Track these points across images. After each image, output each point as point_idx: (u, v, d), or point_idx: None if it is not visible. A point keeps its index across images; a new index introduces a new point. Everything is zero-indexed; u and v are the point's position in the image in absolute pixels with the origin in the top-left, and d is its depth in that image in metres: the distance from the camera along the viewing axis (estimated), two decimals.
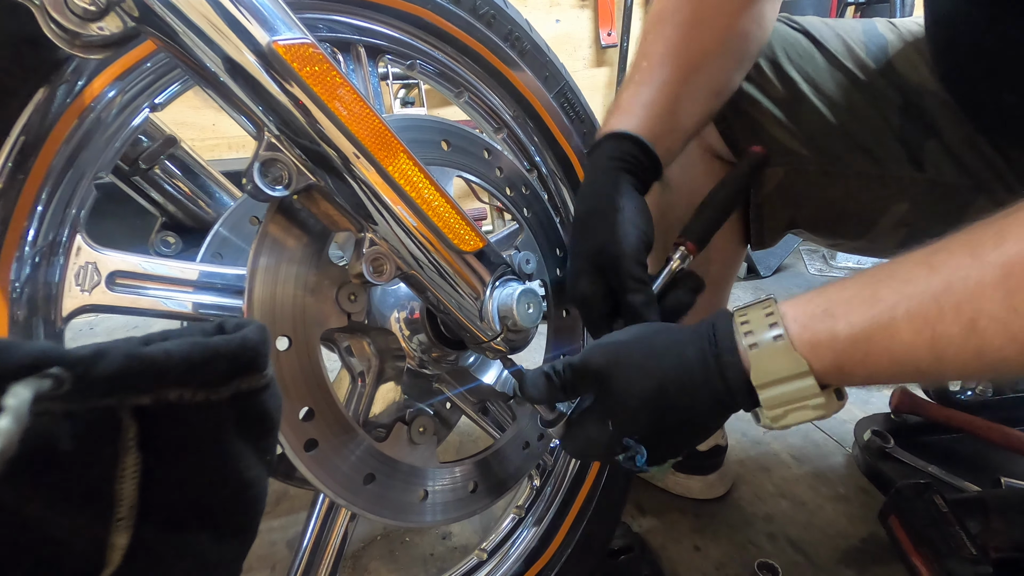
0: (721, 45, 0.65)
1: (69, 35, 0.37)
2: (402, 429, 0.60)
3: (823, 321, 0.41)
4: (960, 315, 0.36)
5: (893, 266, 0.41)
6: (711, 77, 0.66)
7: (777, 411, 0.43)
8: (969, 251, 0.36)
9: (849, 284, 0.42)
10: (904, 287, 0.38)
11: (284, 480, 0.67)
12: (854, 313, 0.40)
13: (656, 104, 0.63)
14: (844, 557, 0.90)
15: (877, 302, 0.39)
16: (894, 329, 0.38)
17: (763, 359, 0.43)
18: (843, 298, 0.41)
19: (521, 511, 0.77)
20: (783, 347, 0.42)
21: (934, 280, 0.37)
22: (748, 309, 0.46)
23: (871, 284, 0.41)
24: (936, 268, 0.37)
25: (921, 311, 0.37)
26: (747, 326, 0.44)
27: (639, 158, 0.61)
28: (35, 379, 0.22)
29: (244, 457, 0.32)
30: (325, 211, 0.48)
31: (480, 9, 0.68)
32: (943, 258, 0.38)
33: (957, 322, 0.36)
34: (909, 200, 0.73)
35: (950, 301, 0.36)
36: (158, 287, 0.54)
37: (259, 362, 0.31)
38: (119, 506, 0.27)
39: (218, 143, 1.84)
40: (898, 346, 0.38)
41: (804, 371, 0.41)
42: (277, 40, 0.41)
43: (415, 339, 0.60)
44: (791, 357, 0.42)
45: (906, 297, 0.38)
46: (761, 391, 0.43)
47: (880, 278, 0.40)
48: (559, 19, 2.18)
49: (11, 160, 0.44)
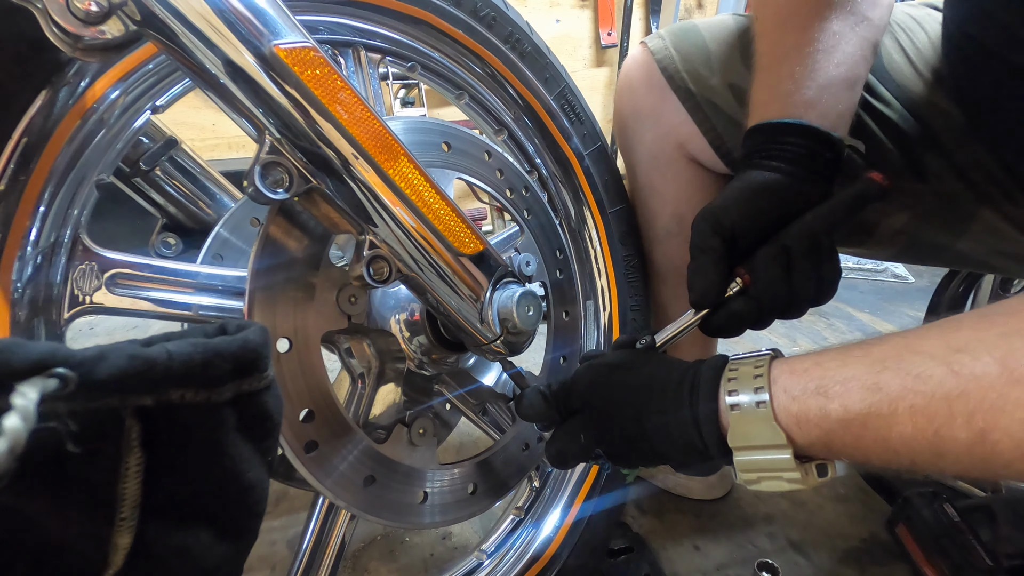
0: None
1: (71, 38, 0.37)
2: (402, 431, 0.60)
3: (815, 398, 0.39)
4: (971, 423, 0.33)
5: (902, 351, 0.37)
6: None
7: (750, 475, 0.42)
8: (999, 360, 0.33)
9: (851, 361, 0.39)
10: (914, 382, 0.35)
11: (284, 481, 0.67)
12: (851, 396, 0.38)
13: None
14: (844, 557, 0.90)
15: (879, 390, 0.37)
16: (894, 420, 0.36)
17: (742, 423, 0.41)
18: (842, 377, 0.39)
19: (521, 512, 0.78)
20: (764, 415, 0.40)
21: (950, 382, 0.34)
22: (741, 363, 0.44)
23: (875, 369, 0.38)
24: (956, 371, 0.34)
25: (928, 410, 0.35)
26: (734, 383, 0.43)
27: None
28: (41, 379, 0.22)
29: (245, 458, 0.33)
30: (326, 213, 0.48)
31: (481, 11, 0.68)
32: (965, 361, 0.34)
33: (967, 428, 0.33)
34: (909, 210, 0.72)
35: (963, 407, 0.33)
36: (159, 288, 0.54)
37: (260, 363, 0.31)
38: (122, 506, 0.27)
39: (218, 143, 1.84)
40: (895, 437, 0.36)
41: (782, 444, 0.40)
42: (278, 44, 0.41)
43: (415, 341, 0.61)
44: (770, 427, 0.40)
45: (914, 392, 0.35)
46: (736, 453, 0.42)
47: (886, 364, 0.37)
48: (559, 19, 2.18)
49: (13, 162, 0.44)
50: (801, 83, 0.59)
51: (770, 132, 0.59)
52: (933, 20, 0.71)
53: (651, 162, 0.83)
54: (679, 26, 0.80)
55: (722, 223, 0.55)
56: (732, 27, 0.76)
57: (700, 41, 0.76)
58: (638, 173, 0.86)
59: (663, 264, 0.88)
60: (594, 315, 0.84)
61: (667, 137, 0.81)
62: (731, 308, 0.55)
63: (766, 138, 0.59)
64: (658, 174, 0.83)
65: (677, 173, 0.82)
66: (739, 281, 0.54)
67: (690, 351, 0.96)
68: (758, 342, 1.69)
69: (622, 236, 0.84)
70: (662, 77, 0.77)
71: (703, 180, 0.82)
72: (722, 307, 0.55)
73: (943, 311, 1.01)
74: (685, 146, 0.80)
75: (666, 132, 0.80)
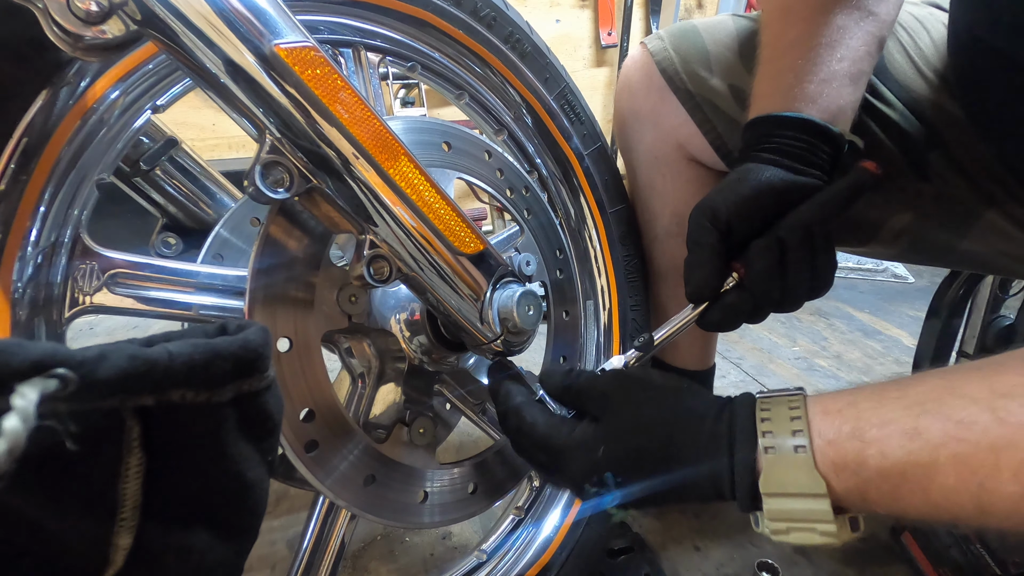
0: None
1: (72, 38, 0.37)
2: (402, 430, 0.60)
3: (851, 442, 0.36)
4: (1020, 476, 0.31)
5: (942, 393, 0.35)
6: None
7: (780, 525, 0.39)
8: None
9: (887, 402, 0.37)
10: (956, 429, 0.33)
11: (284, 480, 0.67)
12: (889, 442, 0.35)
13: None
14: (844, 557, 0.90)
15: (918, 435, 0.34)
16: (935, 471, 0.33)
17: (778, 467, 0.38)
18: (879, 420, 0.36)
19: (521, 512, 0.78)
20: (803, 460, 0.37)
21: (996, 431, 0.32)
22: (773, 401, 0.41)
23: (914, 411, 0.35)
24: (1003, 418, 0.32)
25: (973, 460, 0.32)
26: (767, 424, 0.40)
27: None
28: (41, 379, 0.22)
29: (246, 458, 0.33)
30: (326, 213, 0.48)
31: (481, 11, 0.68)
32: (1013, 408, 0.32)
33: (1015, 481, 0.31)
34: (912, 210, 0.72)
35: (1013, 458, 0.31)
36: (159, 288, 0.54)
37: (261, 363, 0.31)
38: (122, 506, 0.27)
39: (218, 143, 1.84)
40: (936, 489, 0.33)
41: (821, 493, 0.37)
42: (279, 43, 0.41)
43: (415, 340, 0.61)
44: (810, 474, 0.37)
45: (957, 439, 0.33)
46: (767, 499, 0.39)
47: (926, 407, 0.35)
48: (559, 19, 2.18)
49: (14, 161, 0.44)
50: (803, 76, 0.58)
51: (769, 125, 0.59)
52: (936, 20, 0.71)
53: (651, 163, 0.83)
54: (678, 27, 0.80)
55: (718, 216, 0.55)
56: (731, 28, 0.76)
57: (699, 42, 0.76)
58: (638, 173, 0.86)
59: (663, 264, 0.88)
60: (594, 315, 0.84)
61: (667, 138, 0.81)
62: (725, 301, 0.54)
63: (765, 131, 0.59)
64: (658, 174, 0.83)
65: (677, 174, 0.82)
66: (735, 276, 0.54)
67: (689, 350, 0.96)
68: (758, 341, 1.69)
69: (622, 236, 0.84)
70: (661, 78, 0.77)
71: (703, 180, 0.82)
72: (717, 301, 0.55)
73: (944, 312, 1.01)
74: (685, 147, 0.80)
75: (666, 133, 0.80)
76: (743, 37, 0.75)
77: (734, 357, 1.60)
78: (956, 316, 1.01)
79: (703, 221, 0.55)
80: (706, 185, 0.82)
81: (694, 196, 0.83)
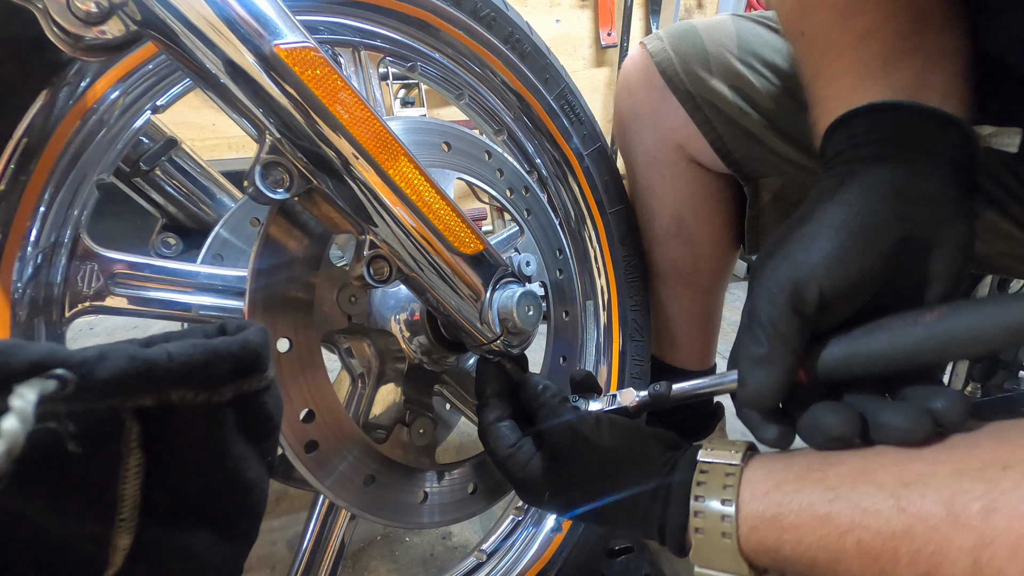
0: None
1: (72, 38, 0.37)
2: (402, 431, 0.60)
3: (771, 530, 0.38)
4: (916, 564, 0.33)
5: (856, 479, 0.36)
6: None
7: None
8: (945, 501, 0.32)
9: (808, 484, 0.38)
10: (862, 516, 0.35)
11: (284, 481, 0.67)
12: (805, 528, 0.37)
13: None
14: None
15: (829, 521, 0.36)
16: (842, 555, 0.35)
17: (706, 547, 0.41)
18: (798, 505, 0.37)
19: (521, 512, 0.78)
20: (729, 546, 0.40)
21: (897, 520, 0.33)
22: (710, 472, 0.42)
23: (828, 497, 0.36)
24: (904, 508, 0.33)
25: (874, 548, 0.34)
26: (700, 502, 0.41)
27: None
28: (40, 380, 0.22)
29: (245, 458, 0.33)
30: (326, 213, 0.48)
31: (481, 11, 0.68)
32: (915, 499, 0.33)
33: (911, 569, 0.33)
34: None
35: (909, 547, 0.33)
36: (159, 288, 0.55)
37: (260, 364, 0.31)
38: (122, 507, 0.27)
39: (218, 143, 1.84)
40: (843, 572, 0.36)
41: (743, 574, 0.40)
42: (279, 44, 0.41)
43: (415, 341, 0.61)
44: (734, 558, 0.40)
45: (861, 527, 0.35)
46: (697, 567, 0.42)
47: (839, 492, 0.36)
48: (559, 19, 2.18)
49: (14, 162, 0.44)
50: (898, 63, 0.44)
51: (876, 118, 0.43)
52: None
53: (651, 163, 0.83)
54: (677, 27, 0.80)
55: (805, 298, 0.40)
56: (731, 28, 0.76)
57: (699, 42, 0.76)
58: (638, 174, 0.86)
59: (662, 264, 0.88)
60: (594, 315, 0.84)
61: (667, 138, 0.81)
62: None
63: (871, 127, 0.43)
64: (657, 175, 0.83)
65: (676, 174, 0.82)
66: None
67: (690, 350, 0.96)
68: None
69: (622, 236, 0.84)
70: (661, 79, 0.77)
71: (703, 181, 0.82)
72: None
73: None
74: (685, 147, 0.80)
75: (666, 133, 0.80)
76: (742, 37, 0.75)
77: None
78: None
79: (782, 304, 0.40)
80: (706, 185, 0.82)
81: (693, 197, 0.83)
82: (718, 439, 0.46)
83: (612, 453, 0.48)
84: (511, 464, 0.52)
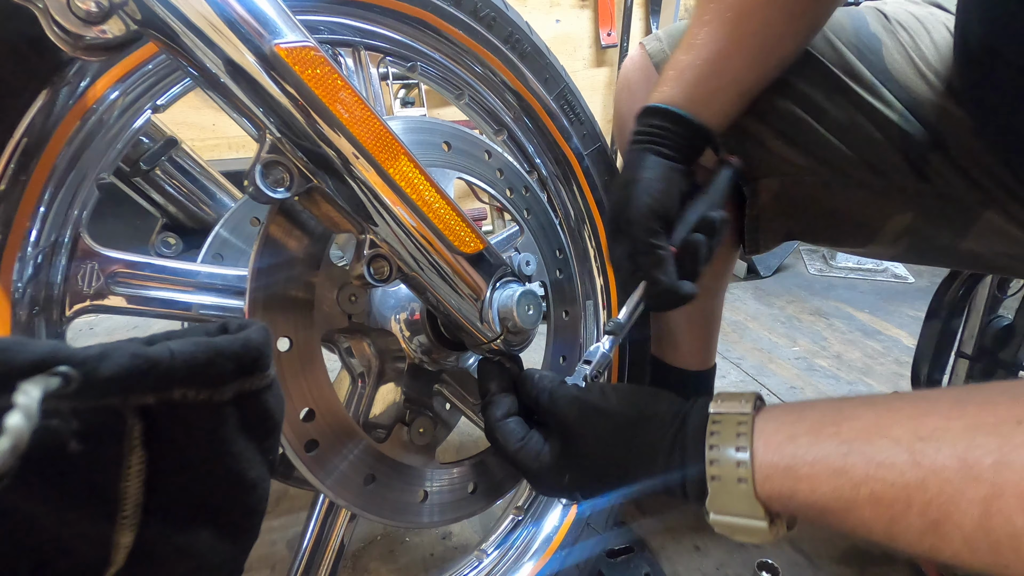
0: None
1: (72, 38, 0.37)
2: (402, 430, 0.60)
3: (785, 479, 0.40)
4: (926, 513, 0.34)
5: (871, 432, 0.38)
6: (755, 31, 0.63)
7: (723, 528, 0.44)
8: (959, 455, 0.34)
9: (823, 438, 0.40)
10: (877, 469, 0.36)
11: (284, 480, 0.67)
12: (817, 479, 0.39)
13: (693, 68, 0.63)
14: (844, 557, 0.90)
15: (844, 473, 0.38)
16: (855, 505, 0.37)
17: (722, 495, 0.42)
18: (811, 457, 0.39)
19: (521, 511, 0.78)
20: (745, 491, 0.41)
21: (911, 473, 0.35)
22: (722, 422, 0.44)
23: (842, 451, 0.38)
24: (919, 462, 0.35)
25: (887, 497, 0.36)
26: (714, 451, 0.43)
27: (669, 129, 0.62)
28: (44, 377, 0.22)
29: (246, 457, 0.33)
30: (326, 213, 0.48)
31: (481, 11, 0.68)
32: (930, 453, 0.35)
33: (921, 517, 0.34)
34: (913, 210, 0.72)
35: (921, 497, 0.34)
36: (159, 288, 0.55)
37: (262, 362, 0.31)
38: (124, 505, 0.27)
39: (218, 143, 1.84)
40: (854, 519, 0.38)
41: (759, 516, 0.41)
42: (279, 43, 0.41)
43: (415, 340, 0.61)
44: (750, 502, 0.41)
45: (876, 479, 0.36)
46: (714, 514, 0.43)
47: (854, 446, 0.38)
48: (559, 19, 2.18)
49: (14, 162, 0.44)
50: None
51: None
52: (936, 21, 0.70)
53: None
54: (676, 27, 0.80)
55: (658, 214, 0.61)
56: None
57: None
58: None
59: None
60: (594, 315, 0.84)
61: None
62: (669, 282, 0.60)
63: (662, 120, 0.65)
64: None
65: None
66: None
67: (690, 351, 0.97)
68: (758, 341, 1.69)
69: None
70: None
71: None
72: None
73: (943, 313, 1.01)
74: None
75: None
76: None
77: (734, 357, 1.60)
78: (956, 316, 1.01)
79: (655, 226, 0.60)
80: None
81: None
82: (726, 392, 0.47)
83: (623, 416, 0.49)
84: (523, 456, 0.52)
